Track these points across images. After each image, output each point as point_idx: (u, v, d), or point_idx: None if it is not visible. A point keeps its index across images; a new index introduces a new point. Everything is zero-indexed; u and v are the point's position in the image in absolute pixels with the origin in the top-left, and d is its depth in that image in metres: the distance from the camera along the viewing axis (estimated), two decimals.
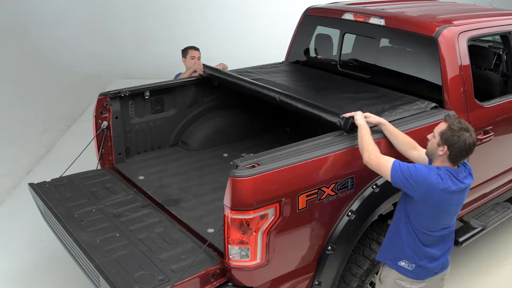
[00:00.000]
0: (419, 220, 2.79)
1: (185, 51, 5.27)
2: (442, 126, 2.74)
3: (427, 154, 2.87)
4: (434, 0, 5.48)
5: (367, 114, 3.21)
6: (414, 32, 3.94)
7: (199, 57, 5.20)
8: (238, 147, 4.57)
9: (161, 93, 4.45)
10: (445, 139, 2.68)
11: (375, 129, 3.20)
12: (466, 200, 4.03)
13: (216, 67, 4.65)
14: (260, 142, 4.70)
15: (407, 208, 2.83)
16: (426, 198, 2.70)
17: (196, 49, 5.25)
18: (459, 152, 2.68)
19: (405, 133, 3.30)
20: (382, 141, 3.16)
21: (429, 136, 2.82)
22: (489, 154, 4.03)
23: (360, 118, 3.11)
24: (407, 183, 2.70)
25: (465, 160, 2.82)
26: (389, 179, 2.79)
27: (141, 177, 4.07)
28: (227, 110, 4.82)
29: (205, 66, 4.63)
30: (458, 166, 2.77)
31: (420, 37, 3.89)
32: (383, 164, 2.80)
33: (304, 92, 4.24)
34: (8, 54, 9.15)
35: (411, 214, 2.81)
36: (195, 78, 4.65)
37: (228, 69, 4.77)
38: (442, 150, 2.70)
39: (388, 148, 3.17)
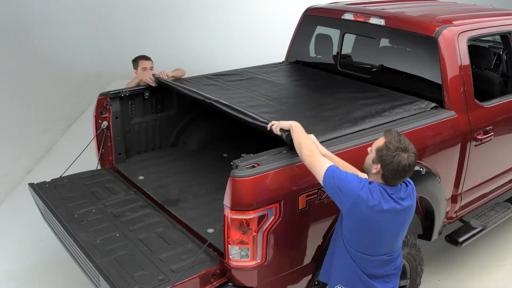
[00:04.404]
0: (354, 242, 2.58)
1: (135, 62, 4.79)
2: (380, 142, 2.53)
3: (364, 168, 2.66)
4: (434, 0, 5.49)
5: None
6: (414, 32, 3.95)
7: (152, 67, 4.75)
8: (238, 147, 4.56)
9: (161, 93, 4.44)
10: (379, 157, 2.48)
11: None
12: (467, 200, 4.08)
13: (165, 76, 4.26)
14: (260, 142, 4.70)
15: (342, 229, 2.63)
16: (353, 212, 2.50)
17: (147, 58, 4.80)
18: (392, 174, 2.46)
19: (404, 133, 3.30)
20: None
21: (369, 149, 2.62)
22: (489, 154, 4.03)
23: (286, 124, 2.85)
24: (336, 192, 2.51)
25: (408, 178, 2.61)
26: (321, 182, 2.58)
27: (141, 177, 4.07)
28: None
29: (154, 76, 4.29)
30: (397, 185, 2.55)
31: (420, 37, 3.89)
32: (319, 165, 2.58)
33: (303, 92, 4.25)
34: (8, 54, 9.16)
35: (346, 233, 2.60)
36: (144, 87, 4.35)
37: (227, 70, 4.75)
38: (376, 168, 2.50)
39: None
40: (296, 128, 2.80)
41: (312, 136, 2.88)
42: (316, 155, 2.63)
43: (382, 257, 2.60)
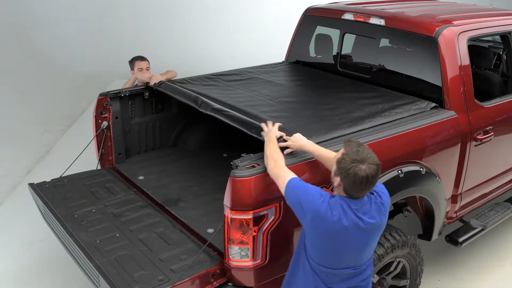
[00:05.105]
0: (315, 256, 2.49)
1: (131, 63, 4.74)
2: (339, 153, 2.45)
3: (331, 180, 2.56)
4: (434, 0, 5.48)
5: (289, 143, 2.86)
6: (414, 32, 3.94)
7: (148, 67, 4.68)
8: (238, 147, 4.57)
9: (161, 93, 4.44)
10: (338, 168, 2.39)
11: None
12: (467, 200, 4.08)
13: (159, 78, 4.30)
14: (260, 142, 4.70)
15: (305, 242, 2.54)
16: (313, 226, 2.42)
17: (143, 59, 4.73)
18: (350, 186, 2.36)
19: (404, 133, 3.30)
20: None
21: (333, 160, 2.53)
22: (489, 154, 4.03)
23: (270, 133, 2.88)
24: (297, 205, 2.45)
25: (379, 190, 2.50)
26: (284, 194, 2.55)
27: (141, 177, 4.07)
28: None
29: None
30: (362, 197, 2.42)
31: (420, 37, 3.89)
32: (281, 177, 2.55)
33: (303, 92, 4.25)
34: (8, 54, 9.16)
35: (308, 246, 2.52)
36: (144, 87, 4.36)
37: (227, 70, 4.75)
38: (337, 181, 2.42)
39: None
40: (269, 142, 2.82)
41: (297, 134, 2.87)
42: (280, 167, 2.61)
43: (346, 271, 2.50)
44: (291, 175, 2.56)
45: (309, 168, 2.85)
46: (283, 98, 3.89)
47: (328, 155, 2.77)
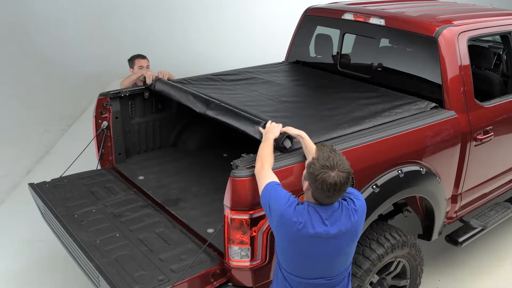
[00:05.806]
0: (285, 263, 2.47)
1: (131, 61, 4.79)
2: (311, 157, 2.42)
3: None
4: (434, 0, 5.48)
5: (287, 128, 2.89)
6: (414, 32, 3.94)
7: (148, 65, 4.75)
8: (238, 147, 4.56)
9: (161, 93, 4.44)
10: (307, 173, 2.35)
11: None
12: (467, 200, 4.08)
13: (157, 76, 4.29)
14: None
15: (275, 245, 2.52)
16: (279, 231, 2.38)
17: (143, 57, 4.79)
18: (318, 192, 2.31)
19: (404, 133, 3.30)
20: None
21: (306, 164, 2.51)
22: (489, 154, 4.03)
23: (268, 133, 2.86)
24: (267, 207, 2.43)
25: (353, 196, 2.45)
26: (260, 196, 2.54)
27: (141, 177, 4.07)
28: None
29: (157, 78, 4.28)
30: (332, 204, 2.36)
31: (420, 37, 3.89)
32: (263, 180, 2.51)
33: (303, 92, 4.25)
34: (8, 54, 9.16)
35: (278, 252, 2.50)
36: (144, 87, 4.32)
37: (227, 70, 4.75)
38: (305, 185, 2.39)
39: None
40: (263, 143, 2.80)
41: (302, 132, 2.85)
42: (266, 170, 2.58)
43: (318, 281, 2.43)
44: (271, 178, 2.52)
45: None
46: (283, 98, 3.89)
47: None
